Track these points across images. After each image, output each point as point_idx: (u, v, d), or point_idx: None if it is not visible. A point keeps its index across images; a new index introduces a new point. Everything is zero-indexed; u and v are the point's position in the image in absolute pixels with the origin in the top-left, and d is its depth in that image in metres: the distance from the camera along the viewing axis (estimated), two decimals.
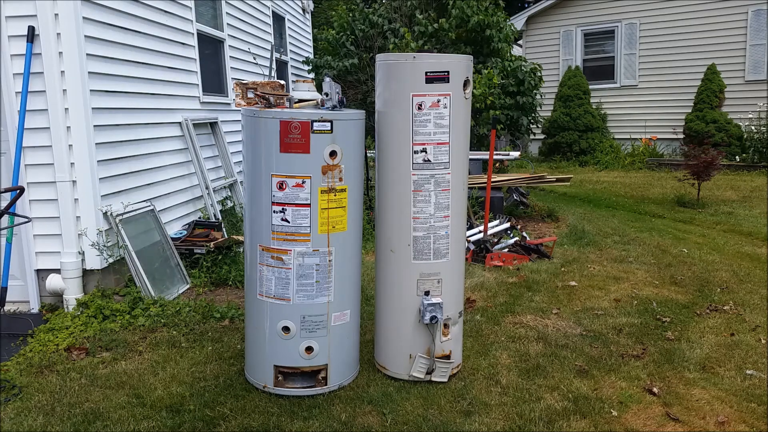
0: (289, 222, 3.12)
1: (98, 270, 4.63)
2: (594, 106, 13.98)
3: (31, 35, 4.33)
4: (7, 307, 4.58)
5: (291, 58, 10.52)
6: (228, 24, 7.45)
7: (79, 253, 4.56)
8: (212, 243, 5.36)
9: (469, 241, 5.95)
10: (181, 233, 5.55)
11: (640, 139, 13.97)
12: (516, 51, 13.67)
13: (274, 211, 3.13)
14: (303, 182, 3.08)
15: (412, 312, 3.39)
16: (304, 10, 11.47)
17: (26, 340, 4.08)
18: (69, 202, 4.50)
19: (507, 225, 6.70)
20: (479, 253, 5.97)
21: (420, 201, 3.29)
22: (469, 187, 5.61)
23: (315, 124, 3.03)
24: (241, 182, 6.72)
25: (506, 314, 4.46)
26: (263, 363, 3.31)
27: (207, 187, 6.20)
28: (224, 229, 5.86)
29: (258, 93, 3.23)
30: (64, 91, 4.40)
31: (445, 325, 3.43)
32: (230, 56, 7.51)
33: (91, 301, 4.45)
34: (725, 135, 12.17)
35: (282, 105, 3.23)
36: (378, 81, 3.40)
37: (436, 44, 10.30)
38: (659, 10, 13.65)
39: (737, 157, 12.22)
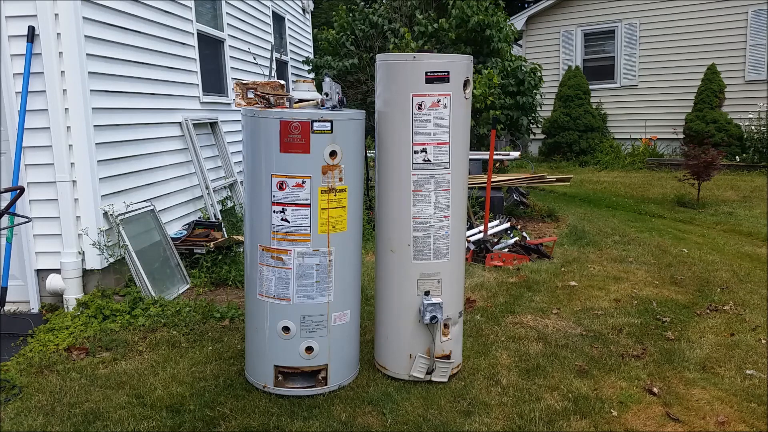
0: (289, 222, 3.12)
1: (98, 270, 4.63)
2: (594, 106, 13.98)
3: (31, 35, 4.33)
4: (7, 307, 4.58)
5: (291, 58, 10.52)
6: (228, 24, 7.45)
7: (79, 253, 4.56)
8: (212, 243, 5.36)
9: (469, 241, 5.95)
10: (181, 233, 5.55)
11: (640, 139, 13.97)
12: (516, 51, 13.67)
13: (274, 211, 3.13)
14: (303, 182, 3.08)
15: (412, 312, 3.39)
16: (304, 10, 11.47)
17: (26, 340, 4.08)
18: (69, 202, 4.50)
19: (507, 225, 6.70)
20: (479, 253, 5.97)
21: (420, 201, 3.29)
22: (469, 187, 5.61)
23: (315, 124, 3.03)
24: (241, 182, 6.72)
25: (506, 314, 4.46)
26: (263, 363, 3.31)
27: (207, 187, 6.20)
28: (224, 229, 5.86)
29: (258, 93, 3.23)
30: (64, 91, 4.40)
31: (445, 325, 3.43)
32: (230, 56, 7.51)
33: (91, 301, 4.45)
34: (725, 135, 12.17)
35: (282, 105, 3.23)
36: (378, 81, 3.40)
37: (436, 44, 10.29)
38: (659, 10, 13.65)
39: (737, 157, 12.22)
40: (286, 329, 3.22)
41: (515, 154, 9.73)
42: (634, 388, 3.38)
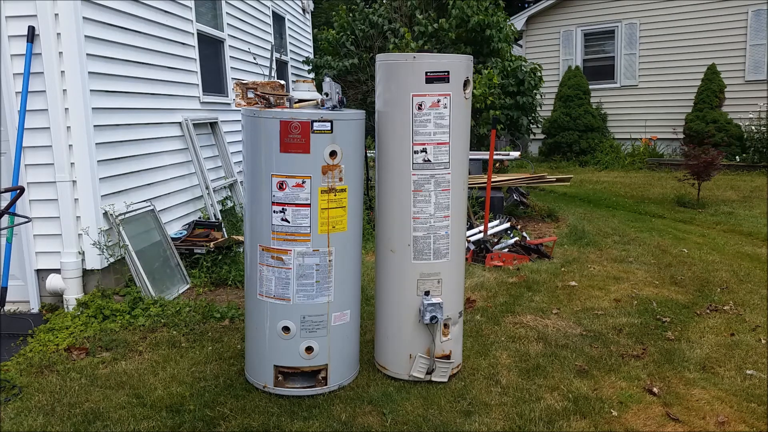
0: (289, 222, 3.12)
1: (98, 270, 4.63)
2: (594, 106, 13.98)
3: (31, 35, 4.33)
4: (7, 307, 4.58)
5: (291, 58, 10.52)
6: (228, 24, 7.45)
7: (79, 253, 4.56)
8: (212, 243, 5.36)
9: (469, 241, 5.95)
10: (181, 233, 5.55)
11: (640, 139, 13.97)
12: (516, 51, 13.67)
13: (274, 211, 3.13)
14: (303, 182, 3.08)
15: (412, 312, 3.39)
16: (304, 10, 11.47)
17: (26, 340, 4.08)
18: (69, 202, 4.51)
19: (507, 225, 6.70)
20: (479, 253, 5.97)
21: (420, 201, 3.29)
22: (469, 187, 5.61)
23: (315, 124, 3.04)
24: (241, 182, 6.73)
25: (506, 314, 4.46)
26: (263, 363, 3.31)
27: (207, 187, 6.20)
28: (224, 229, 5.86)
29: (258, 93, 3.23)
30: (64, 91, 4.40)
31: (445, 325, 3.43)
32: (230, 56, 7.51)
33: (91, 301, 4.45)
34: (725, 135, 12.16)
35: (282, 105, 3.24)
36: (378, 81, 3.40)
37: (436, 44, 10.30)
38: (659, 10, 13.65)
39: (737, 157, 12.22)
40: (286, 329, 3.22)
41: (515, 154, 9.74)
42: (634, 388, 3.38)
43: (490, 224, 6.47)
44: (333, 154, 3.09)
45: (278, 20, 9.80)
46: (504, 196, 7.94)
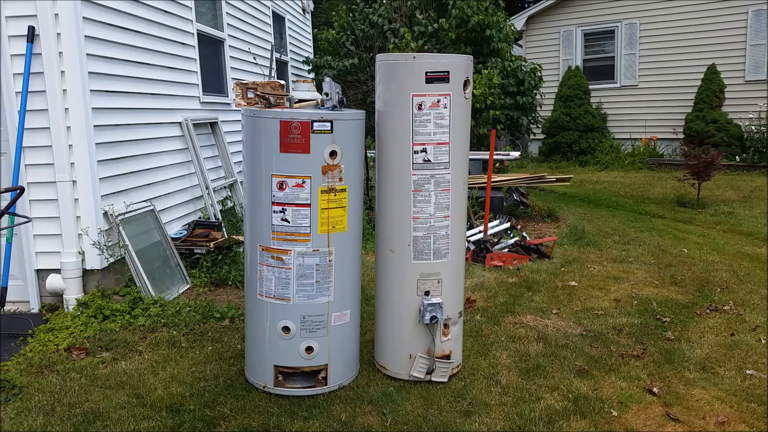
0: (289, 222, 3.12)
1: (98, 270, 4.63)
2: (594, 106, 13.97)
3: (31, 35, 4.33)
4: (7, 307, 4.58)
5: (291, 58, 10.52)
6: (228, 24, 7.45)
7: (79, 253, 4.56)
8: (212, 243, 5.36)
9: (469, 241, 5.95)
10: (181, 233, 5.55)
11: (640, 139, 13.97)
12: (516, 51, 13.67)
13: (274, 211, 3.13)
14: (303, 182, 3.08)
15: (412, 312, 3.39)
16: (304, 10, 11.47)
17: (26, 340, 4.08)
18: (69, 202, 4.51)
19: (507, 225, 6.70)
20: (479, 253, 5.97)
21: (420, 201, 3.29)
22: (469, 187, 5.61)
23: (315, 124, 3.04)
24: (241, 182, 6.73)
25: (506, 314, 4.46)
26: (263, 363, 3.31)
27: (207, 187, 6.20)
28: (224, 229, 5.86)
29: (258, 93, 3.23)
30: (64, 91, 4.40)
31: (445, 325, 3.43)
32: (230, 56, 7.51)
33: (91, 301, 4.45)
34: (725, 135, 12.16)
35: (282, 105, 3.24)
36: (378, 81, 3.40)
37: (436, 44, 10.30)
38: (659, 10, 13.65)
39: (737, 157, 12.22)
40: (286, 329, 3.22)
41: (515, 154, 9.74)
42: (634, 388, 3.38)
43: (490, 224, 6.47)
44: (333, 154, 3.09)
45: (278, 20, 9.80)
46: (504, 196, 7.94)
